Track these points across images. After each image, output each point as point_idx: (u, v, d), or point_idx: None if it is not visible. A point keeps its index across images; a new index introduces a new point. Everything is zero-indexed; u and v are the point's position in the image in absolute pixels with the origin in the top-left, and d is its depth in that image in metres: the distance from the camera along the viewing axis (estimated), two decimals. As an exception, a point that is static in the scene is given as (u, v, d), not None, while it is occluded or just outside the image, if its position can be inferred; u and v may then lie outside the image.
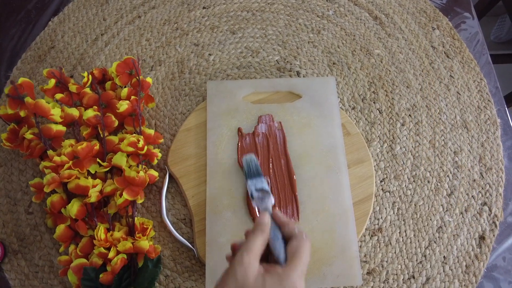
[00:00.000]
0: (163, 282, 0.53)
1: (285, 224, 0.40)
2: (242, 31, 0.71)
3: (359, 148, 0.59)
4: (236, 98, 0.61)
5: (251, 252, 0.36)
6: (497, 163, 0.60)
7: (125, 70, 0.58)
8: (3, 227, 0.56)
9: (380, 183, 0.58)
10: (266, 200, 0.43)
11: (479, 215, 0.57)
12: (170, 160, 0.58)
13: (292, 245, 0.37)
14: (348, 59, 0.68)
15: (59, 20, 0.72)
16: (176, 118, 0.63)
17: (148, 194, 0.57)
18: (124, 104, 0.54)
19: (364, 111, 0.63)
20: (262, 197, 0.44)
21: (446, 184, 0.59)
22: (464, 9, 0.75)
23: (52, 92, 0.55)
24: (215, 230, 0.52)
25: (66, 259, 0.50)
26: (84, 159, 0.52)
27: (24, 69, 0.67)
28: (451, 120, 0.63)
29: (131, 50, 0.69)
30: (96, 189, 0.51)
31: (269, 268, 0.36)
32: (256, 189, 0.45)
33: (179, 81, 0.66)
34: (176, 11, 0.73)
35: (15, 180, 0.59)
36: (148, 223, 0.53)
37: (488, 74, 0.68)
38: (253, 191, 0.45)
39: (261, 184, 0.46)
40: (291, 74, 0.66)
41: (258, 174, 0.47)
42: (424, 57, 0.69)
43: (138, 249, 0.50)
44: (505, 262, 0.55)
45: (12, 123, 0.54)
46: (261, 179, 0.47)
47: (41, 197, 0.53)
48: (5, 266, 0.54)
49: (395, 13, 0.73)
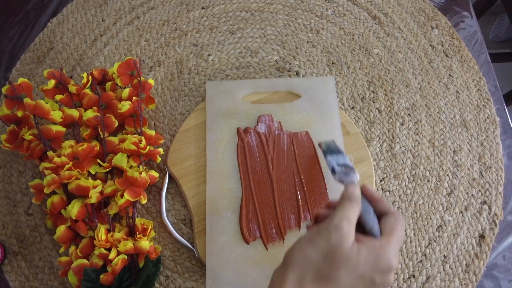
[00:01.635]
0: (163, 283, 0.53)
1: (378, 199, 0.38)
2: (241, 31, 0.71)
3: (359, 147, 0.59)
4: (236, 98, 0.61)
5: (349, 221, 0.34)
6: (496, 161, 0.60)
7: (127, 71, 0.58)
8: (3, 229, 0.56)
9: (379, 182, 0.58)
10: (352, 175, 0.41)
11: (479, 214, 0.57)
12: (169, 161, 0.58)
13: (389, 221, 0.36)
14: (347, 59, 0.68)
15: (58, 21, 0.72)
16: (175, 118, 0.63)
17: (148, 195, 0.57)
18: (126, 105, 0.54)
19: (363, 111, 0.64)
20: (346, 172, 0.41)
21: (445, 183, 0.59)
22: (462, 8, 0.75)
23: (52, 93, 0.55)
24: (215, 230, 0.52)
25: (67, 260, 0.50)
26: (84, 160, 0.52)
27: (23, 70, 0.67)
28: (451, 119, 0.63)
29: (130, 51, 0.69)
30: (96, 190, 0.51)
31: (364, 239, 0.35)
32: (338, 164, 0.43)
33: (178, 82, 0.66)
34: (175, 11, 0.73)
35: (15, 182, 0.59)
36: (148, 223, 0.53)
37: (487, 73, 0.68)
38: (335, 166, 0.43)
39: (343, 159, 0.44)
40: (290, 74, 0.66)
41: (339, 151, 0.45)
42: (423, 56, 0.69)
43: (138, 250, 0.50)
44: (505, 260, 0.55)
45: (12, 124, 0.54)
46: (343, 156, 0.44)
47: (41, 198, 0.53)
48: (5, 268, 0.54)
49: (394, 13, 0.73)
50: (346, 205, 0.36)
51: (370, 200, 0.38)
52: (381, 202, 0.38)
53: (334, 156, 0.45)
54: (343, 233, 0.34)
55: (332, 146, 0.48)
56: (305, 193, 0.55)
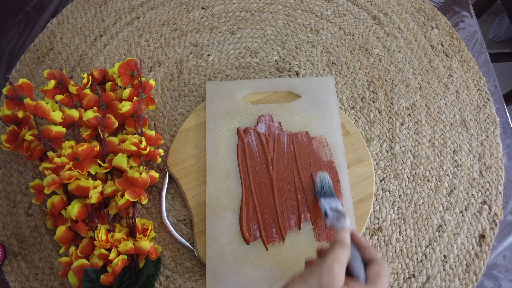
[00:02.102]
0: (163, 283, 0.53)
1: (366, 247, 0.40)
2: (241, 32, 0.71)
3: (359, 147, 0.59)
4: (236, 99, 0.61)
5: (340, 264, 0.36)
6: (496, 161, 0.60)
7: (127, 71, 0.58)
8: (3, 229, 0.56)
9: (380, 182, 0.58)
10: (342, 221, 0.44)
11: (479, 213, 0.57)
12: (169, 161, 0.58)
13: (374, 268, 0.38)
14: (347, 59, 0.68)
15: (57, 21, 0.72)
16: (175, 119, 0.63)
17: (148, 195, 0.57)
18: (127, 105, 0.54)
19: (363, 111, 0.64)
20: (338, 217, 0.44)
21: (446, 183, 0.59)
22: (462, 8, 0.75)
23: (52, 93, 0.55)
24: (215, 230, 0.52)
25: (67, 260, 0.50)
26: (84, 160, 0.52)
27: (23, 71, 0.67)
28: (451, 119, 0.63)
29: (130, 51, 0.69)
30: (96, 190, 0.51)
31: (352, 283, 0.37)
32: (331, 208, 0.46)
33: (178, 82, 0.66)
34: (174, 12, 0.73)
35: (15, 182, 0.59)
36: (148, 224, 0.53)
37: (487, 72, 0.68)
38: (328, 210, 0.46)
39: (335, 204, 0.47)
40: (290, 74, 0.67)
41: (331, 194, 0.49)
42: (423, 56, 0.69)
43: (139, 250, 0.50)
44: (505, 260, 0.55)
45: (12, 124, 0.54)
46: (335, 199, 0.48)
47: (41, 199, 0.53)
48: (5, 268, 0.54)
49: (393, 13, 0.73)
50: (337, 248, 0.38)
51: (358, 247, 0.40)
52: (368, 249, 0.40)
53: (327, 200, 0.48)
54: (334, 275, 0.35)
55: (326, 185, 0.50)
56: (305, 193, 0.55)
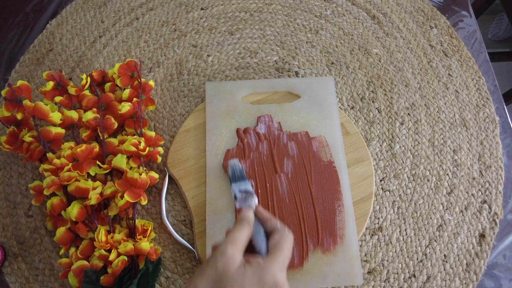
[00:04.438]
0: (163, 284, 0.53)
1: (267, 219, 0.40)
2: (240, 32, 0.71)
3: (359, 147, 0.59)
4: (235, 99, 0.61)
5: (234, 244, 0.36)
6: (496, 161, 0.60)
7: (127, 72, 0.58)
8: (3, 231, 0.56)
9: (380, 182, 0.58)
10: (250, 200, 0.44)
11: (479, 213, 0.57)
12: (169, 162, 0.58)
13: (274, 238, 0.38)
14: (347, 59, 0.68)
15: (57, 22, 0.72)
16: (175, 119, 0.63)
17: (148, 196, 0.57)
18: (126, 106, 0.54)
19: (363, 111, 0.64)
20: (245, 198, 0.44)
21: (445, 182, 0.59)
22: (461, 8, 0.75)
23: (52, 95, 0.55)
24: (215, 231, 0.52)
25: (67, 261, 0.50)
26: (84, 161, 0.52)
27: (23, 72, 0.67)
28: (450, 119, 0.63)
29: (129, 52, 0.69)
30: (96, 191, 0.51)
31: (251, 259, 0.36)
32: (240, 191, 0.46)
33: (178, 83, 0.66)
34: (174, 12, 0.73)
35: (15, 183, 0.59)
36: (148, 224, 0.53)
37: (486, 72, 0.68)
38: (237, 193, 0.46)
39: (245, 185, 0.47)
40: (290, 74, 0.67)
41: (242, 177, 0.48)
42: (422, 56, 0.69)
43: (139, 251, 0.50)
44: (506, 260, 0.55)
45: (12, 126, 0.54)
46: (245, 182, 0.47)
47: (41, 200, 0.53)
48: (5, 270, 0.54)
49: (392, 12, 0.73)
50: (235, 229, 0.38)
51: (261, 221, 0.40)
52: (269, 221, 0.40)
53: (238, 184, 0.48)
54: (228, 257, 0.35)
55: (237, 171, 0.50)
56: (305, 193, 0.55)
